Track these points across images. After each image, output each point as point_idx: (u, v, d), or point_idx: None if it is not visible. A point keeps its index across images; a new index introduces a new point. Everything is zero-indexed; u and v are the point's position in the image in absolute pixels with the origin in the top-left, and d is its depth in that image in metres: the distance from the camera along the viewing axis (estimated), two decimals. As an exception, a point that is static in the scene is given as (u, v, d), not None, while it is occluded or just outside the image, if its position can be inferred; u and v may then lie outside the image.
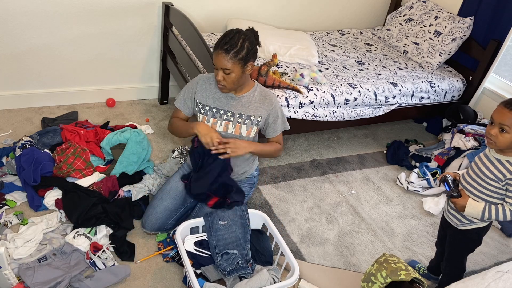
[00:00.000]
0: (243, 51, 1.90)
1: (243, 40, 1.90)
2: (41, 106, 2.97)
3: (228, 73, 1.92)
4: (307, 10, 3.52)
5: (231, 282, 1.88)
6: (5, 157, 2.41)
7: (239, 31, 1.94)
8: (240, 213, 2.07)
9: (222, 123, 2.10)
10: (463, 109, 3.18)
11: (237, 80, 1.96)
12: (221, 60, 1.89)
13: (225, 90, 2.01)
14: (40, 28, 2.70)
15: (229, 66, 1.90)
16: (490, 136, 1.65)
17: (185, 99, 2.15)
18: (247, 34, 1.94)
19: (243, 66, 1.94)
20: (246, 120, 2.09)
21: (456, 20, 3.22)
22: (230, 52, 1.88)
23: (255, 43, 1.97)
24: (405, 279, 1.74)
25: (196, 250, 1.96)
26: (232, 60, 1.89)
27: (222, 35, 1.94)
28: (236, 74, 1.93)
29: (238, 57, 1.89)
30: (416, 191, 2.81)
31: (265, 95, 2.11)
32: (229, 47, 1.88)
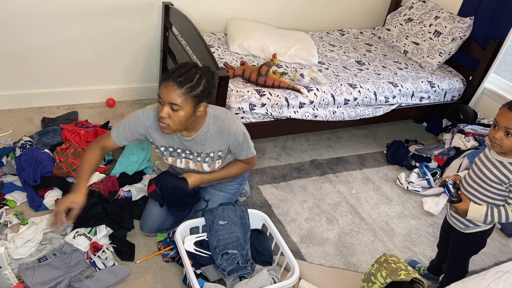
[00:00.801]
0: (199, 87, 1.68)
1: (200, 76, 1.70)
2: (41, 106, 2.97)
3: (176, 109, 1.67)
4: (307, 10, 3.52)
5: (231, 282, 1.88)
6: (5, 157, 2.41)
7: (196, 65, 1.73)
8: (240, 213, 2.07)
9: (182, 161, 1.98)
10: (463, 109, 3.18)
11: (185, 121, 1.72)
12: (171, 93, 1.64)
13: (167, 131, 1.74)
14: (40, 28, 2.70)
15: (179, 102, 1.65)
16: (495, 140, 1.62)
17: (124, 133, 1.89)
18: (204, 71, 1.74)
19: (195, 106, 1.70)
20: (206, 158, 1.94)
21: (456, 20, 3.23)
22: (183, 86, 1.64)
23: (212, 84, 1.77)
24: (405, 279, 1.74)
25: (196, 250, 1.96)
26: (185, 96, 1.65)
27: (176, 66, 1.72)
28: (186, 113, 1.69)
29: (192, 93, 1.66)
30: (416, 191, 2.81)
31: (221, 126, 1.87)
32: (184, 80, 1.65)
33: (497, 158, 1.68)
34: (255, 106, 2.47)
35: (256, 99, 2.46)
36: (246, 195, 2.50)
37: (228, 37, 3.07)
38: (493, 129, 1.64)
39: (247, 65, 2.60)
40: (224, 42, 3.09)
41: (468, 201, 1.75)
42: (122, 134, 1.89)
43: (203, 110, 1.75)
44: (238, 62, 2.82)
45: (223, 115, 1.89)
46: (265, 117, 2.56)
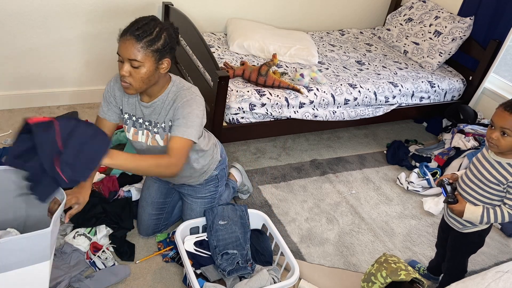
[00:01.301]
0: (159, 41, 1.54)
1: (160, 29, 1.56)
2: (41, 106, 2.97)
3: (137, 66, 1.53)
4: (307, 10, 3.52)
5: (231, 282, 1.88)
6: (5, 157, 2.41)
7: (155, 18, 1.59)
8: (240, 213, 2.07)
9: (143, 132, 1.79)
10: (463, 109, 3.18)
11: (148, 78, 1.58)
12: (129, 48, 1.50)
13: (130, 91, 1.60)
14: (40, 28, 2.70)
15: (139, 58, 1.51)
16: (491, 140, 1.62)
17: (107, 106, 1.78)
18: (165, 25, 1.60)
19: (157, 61, 1.56)
20: (158, 129, 1.75)
21: (456, 20, 3.22)
22: (142, 39, 1.51)
23: (175, 39, 1.62)
24: (405, 279, 1.74)
25: (196, 250, 1.96)
26: (144, 50, 1.51)
27: (134, 21, 1.57)
28: (148, 69, 1.55)
29: (152, 47, 1.53)
30: (416, 191, 2.81)
31: (178, 93, 1.70)
32: (142, 33, 1.51)
33: (495, 158, 1.68)
34: (255, 106, 2.47)
35: (256, 99, 2.46)
36: (249, 191, 2.50)
37: (228, 37, 3.07)
38: (489, 129, 1.64)
39: (247, 65, 2.60)
40: (224, 42, 3.09)
41: (464, 202, 1.74)
42: (105, 108, 1.78)
43: (167, 67, 1.62)
44: (238, 62, 2.82)
45: (187, 86, 1.73)
46: (265, 117, 2.56)
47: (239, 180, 2.48)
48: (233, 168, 2.52)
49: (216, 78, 2.20)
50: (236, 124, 2.48)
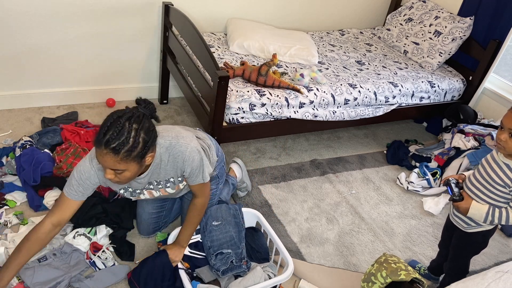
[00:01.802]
0: (137, 146, 1.45)
1: (136, 131, 1.44)
2: (41, 106, 2.97)
3: (120, 172, 1.49)
4: (307, 10, 3.52)
5: (225, 282, 1.88)
6: (5, 157, 2.41)
7: (129, 117, 1.45)
8: (234, 212, 2.07)
9: (144, 193, 1.85)
10: (463, 109, 3.18)
11: (135, 174, 1.55)
12: (108, 161, 1.44)
13: (120, 185, 1.66)
14: (40, 28, 2.70)
15: (121, 167, 1.47)
16: (499, 142, 1.63)
17: (83, 190, 1.67)
18: (139, 121, 1.47)
19: (139, 162, 1.51)
20: (167, 184, 1.81)
21: (456, 20, 3.22)
22: (119, 151, 1.42)
23: (152, 132, 1.52)
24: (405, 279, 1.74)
25: (191, 252, 1.96)
26: (124, 160, 1.45)
27: (104, 124, 1.44)
28: (132, 171, 1.51)
29: (132, 155, 1.45)
30: (416, 191, 2.81)
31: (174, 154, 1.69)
32: (118, 145, 1.41)
33: (504, 160, 1.68)
34: (255, 106, 2.47)
35: (256, 99, 2.46)
36: (247, 189, 2.50)
37: (228, 37, 3.07)
38: (499, 131, 1.65)
39: (247, 65, 2.60)
40: (224, 42, 3.09)
41: (470, 200, 1.75)
42: (78, 190, 1.66)
43: (151, 158, 1.58)
44: (238, 62, 2.82)
45: (174, 140, 1.69)
46: (265, 117, 2.56)
47: (239, 176, 2.48)
48: (234, 164, 2.52)
49: (216, 78, 2.20)
50: (236, 124, 2.48)
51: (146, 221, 2.11)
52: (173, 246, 1.91)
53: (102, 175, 1.66)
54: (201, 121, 2.56)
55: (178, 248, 1.90)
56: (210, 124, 2.37)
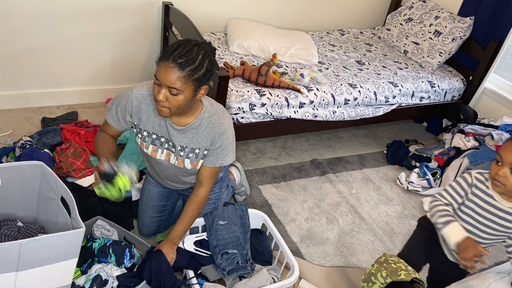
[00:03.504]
0: (201, 70, 1.51)
1: (203, 56, 1.51)
2: (41, 106, 2.97)
3: (175, 93, 1.51)
4: (307, 10, 3.52)
5: (230, 282, 1.88)
6: (5, 157, 2.41)
7: (198, 44, 1.53)
8: (240, 213, 2.07)
9: (163, 151, 1.79)
10: (463, 109, 3.18)
11: (184, 105, 1.57)
12: (170, 75, 1.47)
13: (165, 114, 1.59)
14: (40, 28, 2.70)
15: (178, 86, 1.49)
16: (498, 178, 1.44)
17: (118, 117, 1.76)
18: (207, 50, 1.55)
19: (196, 89, 1.54)
20: (190, 154, 1.76)
21: (456, 20, 3.22)
22: (185, 68, 1.47)
23: (215, 64, 1.61)
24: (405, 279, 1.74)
25: (196, 249, 1.96)
26: (185, 79, 1.49)
27: (175, 44, 1.51)
28: (186, 97, 1.53)
29: (194, 76, 1.50)
30: (416, 191, 2.81)
31: (214, 122, 1.71)
32: (185, 61, 1.47)
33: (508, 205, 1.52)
34: (255, 106, 2.47)
35: (256, 99, 2.46)
36: (246, 193, 2.50)
37: (228, 37, 3.07)
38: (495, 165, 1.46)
39: (247, 65, 2.60)
40: (224, 42, 3.09)
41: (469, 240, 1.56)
42: (116, 117, 1.76)
43: (204, 93, 1.61)
44: (238, 62, 2.82)
45: (220, 112, 1.74)
46: (265, 117, 2.56)
47: (238, 179, 2.47)
48: (233, 167, 2.52)
49: (216, 78, 2.20)
50: (236, 124, 2.48)
51: (147, 225, 2.11)
52: (165, 244, 1.78)
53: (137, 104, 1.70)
54: (201, 121, 2.56)
55: (171, 246, 1.78)
56: (210, 124, 2.37)
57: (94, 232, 1.88)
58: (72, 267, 1.53)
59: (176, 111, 1.59)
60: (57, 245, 1.42)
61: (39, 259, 1.41)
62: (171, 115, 1.61)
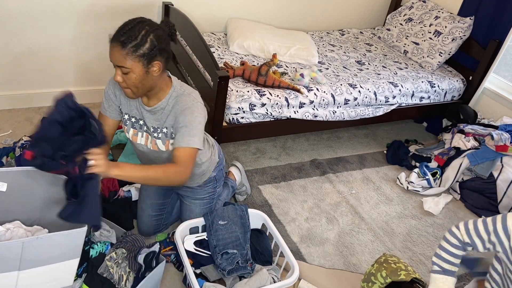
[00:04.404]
0: (145, 45, 1.52)
1: (146, 32, 1.52)
2: (41, 106, 2.97)
3: (126, 72, 1.55)
4: (307, 10, 3.52)
5: (230, 282, 1.88)
6: (5, 157, 2.41)
7: (143, 20, 1.55)
8: (240, 213, 2.07)
9: (143, 135, 1.80)
10: (463, 109, 3.18)
11: (141, 83, 1.58)
12: (116, 55, 1.53)
13: (130, 95, 1.62)
14: (40, 28, 2.70)
15: (127, 64, 1.53)
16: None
17: (109, 105, 1.81)
18: (153, 26, 1.55)
19: (145, 65, 1.55)
20: (160, 134, 1.75)
21: (456, 20, 3.23)
22: (126, 45, 1.50)
23: (164, 39, 1.57)
24: (405, 279, 1.74)
25: (196, 249, 1.96)
26: (130, 56, 1.51)
27: (121, 25, 1.55)
28: (137, 75, 1.55)
29: (138, 52, 1.51)
30: (416, 191, 2.81)
31: (179, 100, 1.68)
32: (126, 39, 1.50)
33: None
34: (255, 106, 2.47)
35: (256, 99, 2.46)
36: (247, 192, 2.50)
37: (228, 37, 3.07)
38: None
39: (247, 65, 2.60)
40: (224, 42, 3.09)
41: None
42: (106, 105, 1.80)
43: (158, 70, 1.59)
44: (238, 62, 2.82)
45: (187, 92, 1.71)
46: (265, 117, 2.56)
47: (238, 179, 2.47)
48: (233, 167, 2.51)
49: (216, 78, 2.20)
50: (236, 124, 2.48)
51: (147, 223, 2.11)
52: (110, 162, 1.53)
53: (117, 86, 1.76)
54: (201, 121, 2.56)
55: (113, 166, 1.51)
56: (210, 124, 2.37)
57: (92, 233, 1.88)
58: (74, 267, 1.53)
59: (137, 91, 1.61)
60: (59, 244, 1.42)
61: (41, 258, 1.41)
62: (136, 96, 1.63)
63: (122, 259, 1.70)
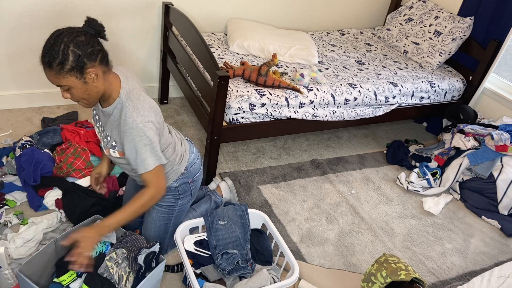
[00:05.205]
0: (68, 59, 1.44)
1: (65, 45, 1.44)
2: (41, 106, 2.97)
3: (66, 89, 1.51)
4: (307, 10, 3.52)
5: (231, 282, 1.88)
6: (5, 157, 2.41)
7: (60, 32, 1.46)
8: (240, 213, 2.07)
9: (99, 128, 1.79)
10: (463, 109, 3.18)
11: (86, 94, 1.54)
12: (49, 76, 1.48)
13: (86, 106, 1.60)
14: (40, 28, 2.70)
15: (62, 83, 1.48)
16: None
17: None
18: (71, 35, 1.46)
19: (80, 77, 1.49)
20: (104, 139, 1.74)
21: (456, 20, 3.22)
22: (52, 65, 1.44)
23: (90, 41, 1.49)
24: (405, 279, 1.74)
25: (196, 249, 1.96)
26: (60, 75, 1.46)
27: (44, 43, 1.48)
28: (78, 88, 1.51)
29: (64, 69, 1.45)
30: (416, 191, 2.81)
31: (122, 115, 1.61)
32: (50, 59, 1.44)
33: None
34: (255, 106, 2.47)
35: (256, 99, 2.46)
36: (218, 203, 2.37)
37: (228, 37, 3.07)
38: None
39: (247, 65, 2.60)
40: (224, 42, 3.09)
41: None
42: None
43: (96, 76, 1.52)
44: (238, 62, 2.82)
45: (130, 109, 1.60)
46: (265, 117, 2.56)
47: (226, 197, 2.39)
48: (224, 183, 2.43)
49: (216, 78, 2.20)
50: (236, 124, 2.48)
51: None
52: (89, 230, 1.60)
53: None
54: (201, 121, 2.56)
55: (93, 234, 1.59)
56: (210, 124, 2.37)
57: None
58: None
59: (89, 101, 1.58)
60: None
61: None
62: (92, 105, 1.61)
63: (122, 259, 1.70)
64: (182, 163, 1.93)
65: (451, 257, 2.39)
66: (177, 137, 1.94)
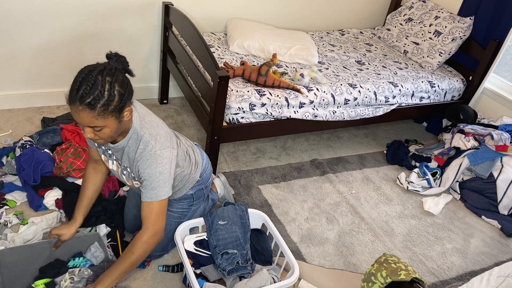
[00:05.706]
0: (114, 99, 1.39)
1: (110, 84, 1.38)
2: (41, 106, 2.97)
3: (99, 130, 1.44)
4: (307, 10, 3.52)
5: (231, 282, 1.88)
6: (5, 157, 2.41)
7: (101, 71, 1.38)
8: (240, 213, 2.07)
9: (114, 162, 1.73)
10: (463, 109, 3.18)
11: (115, 133, 1.49)
12: (85, 118, 1.38)
13: (103, 143, 1.53)
14: (40, 28, 2.70)
15: (99, 124, 1.41)
16: None
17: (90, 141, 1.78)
18: (112, 73, 1.40)
19: (118, 117, 1.44)
20: (124, 171, 1.70)
21: (456, 20, 3.23)
22: (95, 106, 1.36)
23: (126, 83, 1.44)
24: (405, 279, 1.74)
25: (196, 249, 1.96)
26: (101, 116, 1.39)
27: (78, 81, 1.37)
28: (112, 127, 1.45)
29: (109, 109, 1.39)
30: (416, 191, 2.81)
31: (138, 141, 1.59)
32: (93, 100, 1.35)
33: None
34: (255, 106, 2.47)
35: (256, 99, 2.46)
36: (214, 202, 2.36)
37: (228, 37, 3.07)
38: None
39: (247, 65, 2.60)
40: (224, 42, 3.09)
41: None
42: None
43: (130, 113, 1.50)
44: (238, 62, 2.82)
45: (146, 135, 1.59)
46: (265, 117, 2.56)
47: (221, 193, 2.39)
48: (217, 179, 2.40)
49: (216, 78, 2.20)
50: (236, 124, 2.48)
51: (131, 222, 2.09)
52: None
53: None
54: (201, 121, 2.56)
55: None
56: (210, 124, 2.37)
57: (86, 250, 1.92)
58: None
59: (111, 139, 1.52)
60: None
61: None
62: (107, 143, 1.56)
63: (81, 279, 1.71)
64: (197, 170, 1.93)
65: (451, 257, 2.39)
66: (188, 145, 1.92)
